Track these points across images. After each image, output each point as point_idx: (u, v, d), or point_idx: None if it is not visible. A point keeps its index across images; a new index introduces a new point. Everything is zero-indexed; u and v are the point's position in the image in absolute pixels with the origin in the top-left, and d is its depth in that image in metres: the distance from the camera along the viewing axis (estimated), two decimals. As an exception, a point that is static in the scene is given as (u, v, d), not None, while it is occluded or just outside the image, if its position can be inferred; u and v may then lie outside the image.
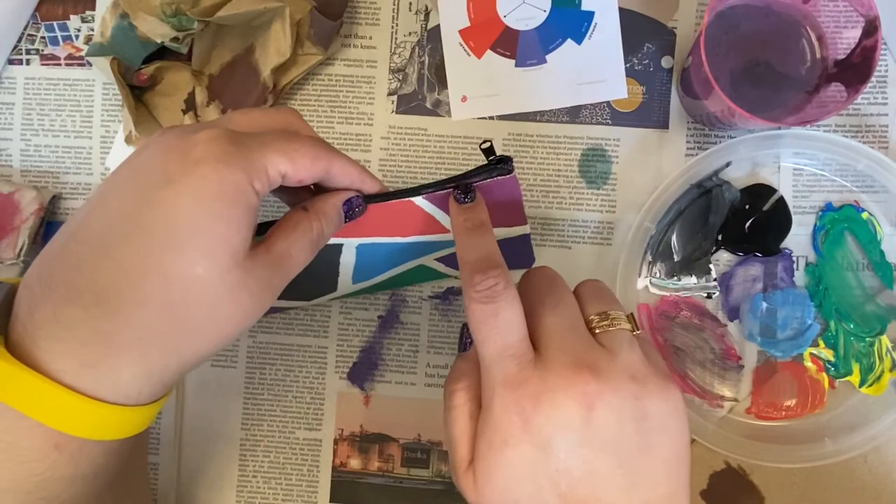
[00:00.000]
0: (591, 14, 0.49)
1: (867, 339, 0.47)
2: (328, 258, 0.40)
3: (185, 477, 0.49)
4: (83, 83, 0.51)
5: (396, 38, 0.50)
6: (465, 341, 0.33)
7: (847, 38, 0.42)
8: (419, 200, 0.37)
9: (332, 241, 0.38)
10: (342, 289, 0.44)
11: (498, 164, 0.36)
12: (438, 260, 0.44)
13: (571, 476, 0.28)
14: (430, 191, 0.36)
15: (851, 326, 0.47)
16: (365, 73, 0.50)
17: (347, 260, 0.40)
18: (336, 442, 0.49)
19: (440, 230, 0.40)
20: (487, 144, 0.37)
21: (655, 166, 0.49)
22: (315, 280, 0.42)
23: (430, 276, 0.46)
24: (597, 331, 0.31)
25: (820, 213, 0.48)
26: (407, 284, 0.48)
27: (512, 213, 0.41)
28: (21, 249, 0.47)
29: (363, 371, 0.49)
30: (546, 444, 0.28)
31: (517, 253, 0.45)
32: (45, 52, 0.51)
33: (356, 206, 0.35)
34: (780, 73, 0.44)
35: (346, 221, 0.35)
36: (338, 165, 0.33)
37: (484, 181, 0.36)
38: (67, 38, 0.51)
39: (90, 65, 0.50)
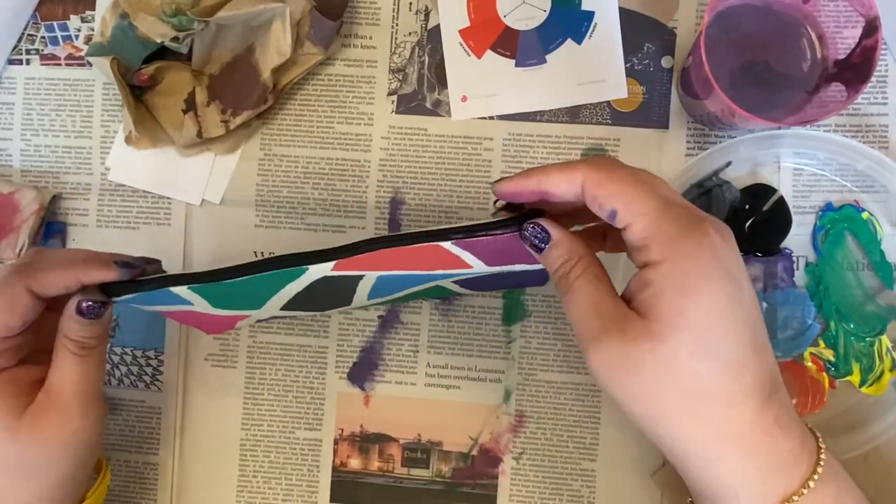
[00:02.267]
0: (591, 14, 0.49)
1: (867, 339, 0.47)
2: (346, 285, 0.40)
3: (185, 477, 0.49)
4: (83, 83, 0.51)
5: (396, 38, 0.50)
6: (537, 239, 0.32)
7: (847, 38, 0.42)
8: (448, 246, 0.35)
9: (352, 273, 0.37)
10: (356, 303, 0.44)
11: (523, 217, 0.34)
12: (457, 282, 0.42)
13: (755, 311, 0.29)
14: (459, 237, 0.34)
15: (851, 326, 0.47)
16: (365, 73, 0.50)
17: (366, 284, 0.40)
18: (336, 442, 0.49)
19: (465, 266, 0.37)
20: (501, 204, 0.36)
21: (655, 166, 0.49)
22: (329, 300, 0.43)
23: (446, 293, 0.46)
24: None
25: (820, 213, 0.48)
26: (420, 298, 0.48)
27: (523, 260, 0.38)
28: (21, 249, 0.47)
29: (363, 371, 0.49)
30: (737, 281, 0.29)
31: (532, 278, 0.42)
32: (45, 52, 0.51)
33: (88, 308, 0.35)
34: (781, 73, 0.44)
35: (89, 318, 0.35)
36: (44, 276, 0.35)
37: (498, 232, 0.34)
38: (67, 38, 0.51)
39: (90, 65, 0.50)
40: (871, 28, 0.40)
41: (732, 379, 0.28)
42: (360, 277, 0.38)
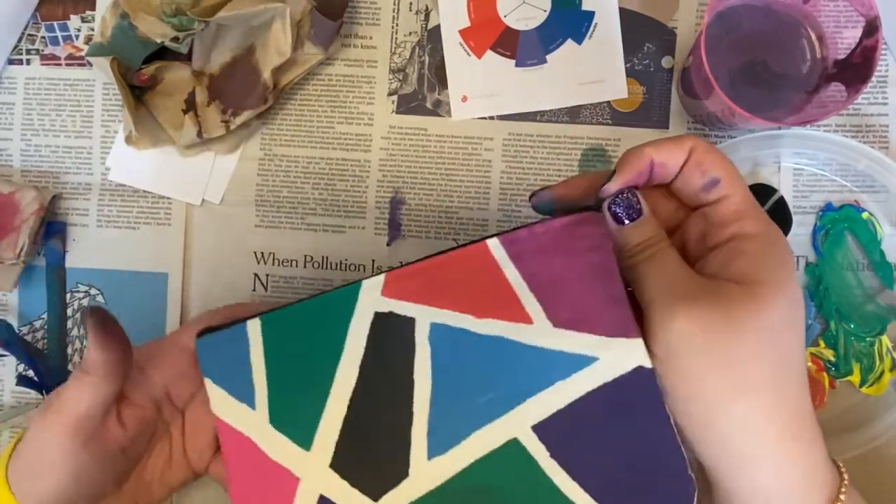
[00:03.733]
0: (591, 14, 0.49)
1: (867, 339, 0.47)
2: (401, 349, 0.32)
3: (185, 477, 0.49)
4: (83, 83, 0.51)
5: (396, 38, 0.50)
6: (620, 214, 0.31)
7: (847, 38, 0.42)
8: (492, 243, 0.31)
9: (403, 312, 0.33)
10: (416, 468, 0.32)
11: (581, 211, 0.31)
12: (537, 431, 0.31)
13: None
14: (502, 232, 0.31)
15: (852, 326, 0.47)
16: (365, 73, 0.50)
17: (422, 357, 0.32)
18: (336, 442, 0.49)
19: (517, 313, 0.31)
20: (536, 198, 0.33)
21: (655, 166, 0.48)
22: (386, 411, 0.33)
23: (543, 495, 0.31)
24: None
25: (820, 213, 0.48)
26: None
27: (596, 305, 0.31)
28: (21, 249, 0.47)
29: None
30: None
31: (638, 442, 0.30)
32: (46, 52, 0.51)
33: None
34: (780, 73, 0.44)
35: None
36: None
37: (552, 220, 0.31)
38: (67, 38, 0.51)
39: (90, 65, 0.50)
40: (871, 28, 0.40)
41: (803, 361, 0.28)
42: (412, 325, 0.33)
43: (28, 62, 0.51)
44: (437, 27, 0.50)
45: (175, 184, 0.50)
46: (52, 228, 0.50)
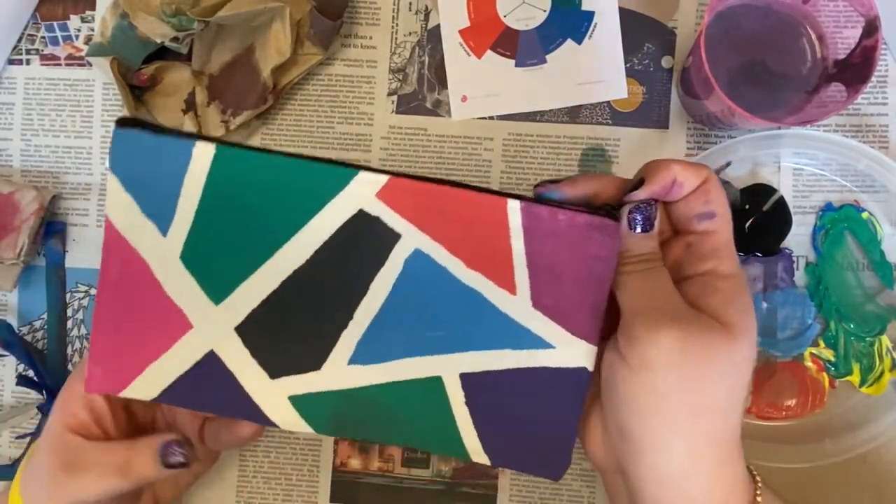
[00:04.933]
0: (591, 14, 0.49)
1: (867, 338, 0.47)
2: (370, 255, 0.32)
3: (185, 477, 0.49)
4: (83, 83, 0.51)
5: (396, 38, 0.50)
6: (638, 222, 0.32)
7: (847, 38, 0.42)
8: (513, 206, 0.31)
9: (392, 224, 0.31)
10: (331, 367, 0.33)
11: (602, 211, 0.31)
12: (463, 379, 0.33)
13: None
14: (531, 200, 0.31)
15: (851, 326, 0.47)
16: (365, 73, 0.50)
17: (388, 273, 0.32)
18: (336, 442, 0.49)
19: (505, 281, 0.32)
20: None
21: (655, 166, 0.48)
22: (323, 304, 0.32)
23: (439, 427, 0.34)
24: None
25: (820, 213, 0.48)
26: (400, 439, 0.35)
27: (578, 306, 0.32)
28: (21, 249, 0.47)
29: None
30: None
31: (546, 419, 0.33)
32: (45, 52, 0.51)
33: (173, 453, 0.34)
34: (780, 73, 0.44)
35: (164, 467, 0.35)
36: None
37: (580, 213, 0.31)
38: (67, 38, 0.51)
39: (90, 65, 0.50)
40: (871, 28, 0.40)
41: (746, 396, 0.31)
42: (396, 239, 0.31)
43: (28, 62, 0.51)
44: (437, 27, 0.50)
45: (175, 184, 0.50)
46: (52, 228, 0.50)
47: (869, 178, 0.47)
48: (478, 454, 0.34)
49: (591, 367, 0.32)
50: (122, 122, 0.30)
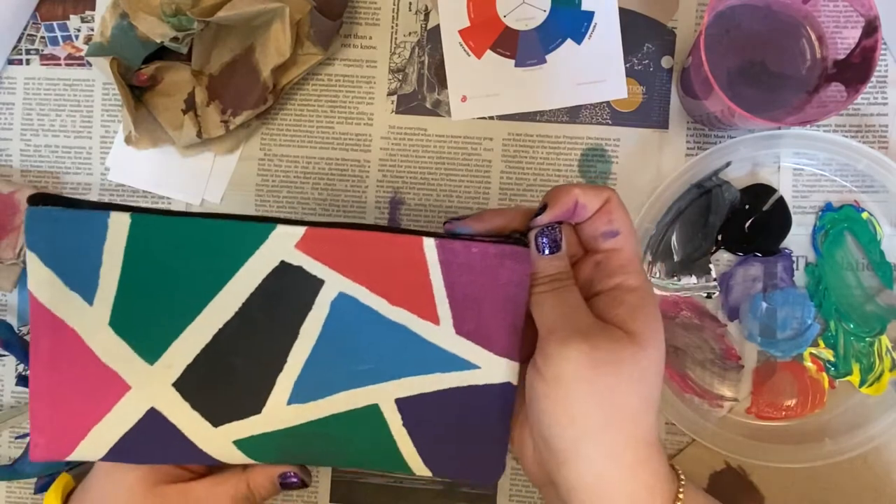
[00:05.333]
0: (591, 14, 0.49)
1: (867, 339, 0.47)
2: (297, 301, 0.33)
3: (185, 477, 0.49)
4: (83, 83, 0.51)
5: (396, 38, 0.50)
6: (544, 245, 0.34)
7: (847, 38, 0.42)
8: (428, 243, 0.33)
9: (315, 272, 0.33)
10: (271, 409, 0.34)
11: (514, 240, 0.33)
12: (399, 404, 0.35)
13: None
14: (444, 236, 0.33)
15: (851, 326, 0.47)
16: (365, 73, 0.50)
17: (316, 317, 0.33)
18: (336, 442, 0.49)
19: (428, 313, 0.33)
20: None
21: (655, 166, 0.49)
22: (257, 352, 0.34)
23: (382, 450, 0.35)
24: None
25: (820, 213, 0.48)
26: (345, 462, 0.37)
27: (498, 328, 0.34)
28: (21, 249, 0.47)
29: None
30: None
31: (478, 431, 0.35)
32: (45, 52, 0.51)
33: (292, 479, 0.37)
34: (780, 73, 0.44)
35: (281, 490, 0.37)
36: None
37: (491, 244, 0.33)
38: (67, 38, 0.51)
39: (90, 65, 0.50)
40: (871, 28, 0.40)
41: (659, 397, 0.33)
42: (320, 286, 0.33)
43: (28, 62, 0.51)
44: (437, 27, 0.50)
45: (175, 184, 0.50)
46: (51, 228, 0.50)
47: (869, 179, 0.47)
48: (419, 468, 0.36)
49: (514, 382, 0.34)
50: (33, 200, 0.31)
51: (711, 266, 0.48)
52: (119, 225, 0.31)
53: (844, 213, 0.47)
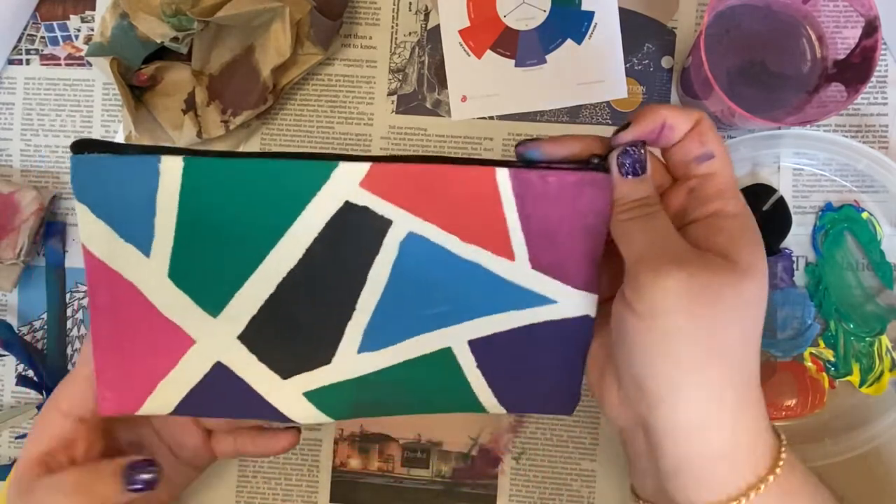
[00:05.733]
0: (591, 14, 0.49)
1: (867, 339, 0.47)
2: (364, 245, 0.31)
3: (185, 477, 0.49)
4: (83, 83, 0.51)
5: (396, 38, 0.50)
6: (628, 166, 0.31)
7: (847, 38, 0.42)
8: (501, 175, 0.30)
9: (382, 212, 0.31)
10: (341, 359, 0.33)
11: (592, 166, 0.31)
12: (472, 345, 0.33)
13: None
14: (518, 166, 0.30)
15: (851, 326, 0.47)
16: (365, 73, 0.50)
17: (385, 260, 0.31)
18: (336, 442, 0.49)
19: (503, 249, 0.31)
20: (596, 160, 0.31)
21: (655, 166, 0.48)
22: (324, 300, 0.32)
23: (455, 392, 0.34)
24: None
25: (820, 213, 0.48)
26: (418, 409, 0.35)
27: (576, 261, 0.32)
28: (21, 249, 0.47)
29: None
30: None
31: (554, 365, 0.34)
32: (45, 52, 0.51)
33: (137, 474, 0.33)
34: (780, 73, 0.44)
35: (130, 488, 0.33)
36: None
37: (569, 172, 0.30)
38: (67, 38, 0.51)
39: (90, 65, 0.50)
40: (871, 28, 0.40)
41: (760, 334, 0.30)
42: (388, 227, 0.31)
43: (28, 62, 0.51)
44: (437, 27, 0.50)
45: (175, 184, 0.50)
46: (51, 228, 0.50)
47: (869, 178, 0.47)
48: (494, 407, 0.34)
49: (593, 314, 0.33)
50: (77, 147, 0.29)
51: (711, 266, 0.48)
52: (171, 170, 0.29)
53: (844, 213, 0.47)
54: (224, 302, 0.32)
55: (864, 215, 0.47)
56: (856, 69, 0.41)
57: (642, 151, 0.31)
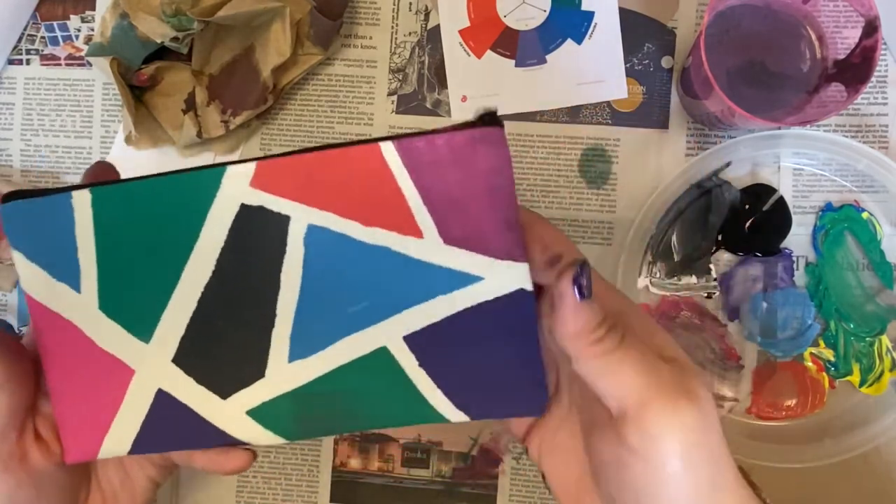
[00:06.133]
0: (591, 14, 0.49)
1: (867, 338, 0.47)
2: (269, 246, 0.30)
3: (184, 477, 0.49)
4: (83, 83, 0.51)
5: (396, 38, 0.50)
6: (586, 287, 0.26)
7: (847, 38, 0.42)
8: (387, 148, 0.28)
9: (278, 209, 0.30)
10: (274, 370, 0.32)
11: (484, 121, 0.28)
12: (408, 342, 0.31)
13: None
14: (399, 139, 0.28)
15: (851, 326, 0.47)
16: (365, 73, 0.50)
17: (293, 259, 0.30)
18: (336, 442, 0.49)
19: (408, 226, 0.30)
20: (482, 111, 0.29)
21: (655, 166, 0.49)
22: (245, 311, 0.31)
23: (403, 399, 0.32)
24: None
25: (820, 213, 0.48)
26: (370, 422, 0.33)
27: (491, 227, 0.29)
28: (21, 249, 0.47)
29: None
30: None
31: (505, 356, 0.31)
32: (45, 52, 0.51)
33: None
34: (780, 73, 0.44)
35: None
36: None
37: (457, 131, 0.28)
38: (67, 38, 0.51)
39: (90, 65, 0.50)
40: (871, 28, 0.40)
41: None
42: (286, 223, 0.30)
43: (28, 62, 0.51)
44: (437, 27, 0.50)
45: (175, 184, 0.50)
46: (51, 228, 0.50)
47: (869, 178, 0.47)
48: (453, 414, 0.32)
49: (528, 287, 0.29)
50: (6, 198, 0.30)
51: (711, 266, 0.48)
52: (82, 203, 0.30)
53: (844, 213, 0.47)
54: (153, 326, 0.32)
55: (865, 215, 0.47)
56: (856, 69, 0.41)
57: (588, 267, 0.27)
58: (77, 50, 0.51)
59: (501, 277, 0.30)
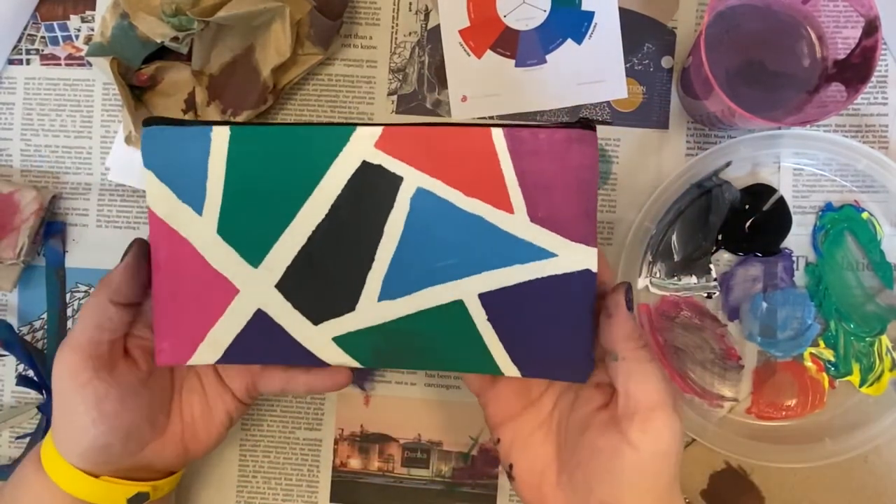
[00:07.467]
0: (591, 14, 0.49)
1: (867, 338, 0.47)
2: (379, 200, 0.35)
3: (185, 477, 0.49)
4: (83, 83, 0.51)
5: (396, 38, 0.50)
6: (629, 303, 0.35)
7: (847, 38, 0.42)
8: (496, 133, 0.34)
9: (394, 169, 0.35)
10: (364, 306, 0.36)
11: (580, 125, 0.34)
12: (482, 299, 0.35)
13: None
14: (510, 125, 0.34)
15: (851, 326, 0.47)
16: (365, 73, 0.50)
17: (398, 214, 0.35)
18: (336, 442, 0.49)
19: (502, 202, 0.34)
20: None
21: (655, 166, 0.49)
22: (348, 251, 0.36)
23: (469, 347, 0.36)
24: None
25: (820, 213, 0.48)
26: (436, 363, 0.37)
27: (572, 214, 0.35)
28: (21, 249, 0.47)
29: (363, 371, 0.49)
30: None
31: (562, 324, 0.35)
32: (45, 52, 0.51)
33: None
34: (780, 73, 0.44)
35: None
36: None
37: (558, 129, 0.34)
38: (67, 38, 0.51)
39: (90, 65, 0.50)
40: (871, 28, 0.40)
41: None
42: (398, 183, 0.35)
43: (28, 62, 0.51)
44: (437, 27, 0.50)
45: (175, 184, 0.50)
46: (51, 228, 0.50)
47: (869, 178, 0.47)
48: (508, 367, 0.36)
49: (593, 269, 0.34)
50: (147, 122, 0.35)
51: (711, 266, 0.48)
52: (220, 138, 0.35)
53: (844, 213, 0.47)
54: (263, 254, 0.36)
55: (864, 215, 0.47)
56: (856, 69, 0.41)
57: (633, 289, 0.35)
58: (77, 50, 0.51)
59: (573, 257, 0.35)
